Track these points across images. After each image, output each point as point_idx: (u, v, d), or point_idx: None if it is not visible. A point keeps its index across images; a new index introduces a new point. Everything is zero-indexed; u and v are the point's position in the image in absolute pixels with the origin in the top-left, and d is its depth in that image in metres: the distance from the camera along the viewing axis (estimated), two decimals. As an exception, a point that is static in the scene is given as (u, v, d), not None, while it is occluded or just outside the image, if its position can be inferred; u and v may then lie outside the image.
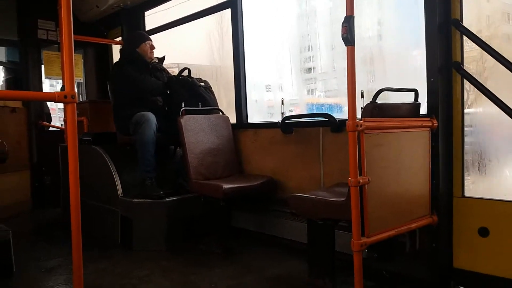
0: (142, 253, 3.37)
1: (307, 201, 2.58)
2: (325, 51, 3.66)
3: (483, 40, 2.42)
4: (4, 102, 4.70)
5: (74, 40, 1.72)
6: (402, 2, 3.27)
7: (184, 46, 5.16)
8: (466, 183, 2.50)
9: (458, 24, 2.50)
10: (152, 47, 4.05)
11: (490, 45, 2.37)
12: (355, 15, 2.07)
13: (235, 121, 3.99)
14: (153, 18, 5.23)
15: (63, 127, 4.84)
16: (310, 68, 3.79)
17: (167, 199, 3.51)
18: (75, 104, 1.72)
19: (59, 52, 5.23)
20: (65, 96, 1.68)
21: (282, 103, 3.60)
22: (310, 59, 3.77)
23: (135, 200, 3.52)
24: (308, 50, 3.73)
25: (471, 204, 2.44)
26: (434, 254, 2.51)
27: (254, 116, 4.01)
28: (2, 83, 5.88)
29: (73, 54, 1.71)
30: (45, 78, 5.56)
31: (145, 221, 3.49)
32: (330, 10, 3.62)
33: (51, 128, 5.52)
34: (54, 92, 1.70)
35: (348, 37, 2.05)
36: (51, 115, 5.70)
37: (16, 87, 5.45)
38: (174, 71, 4.40)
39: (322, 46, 3.65)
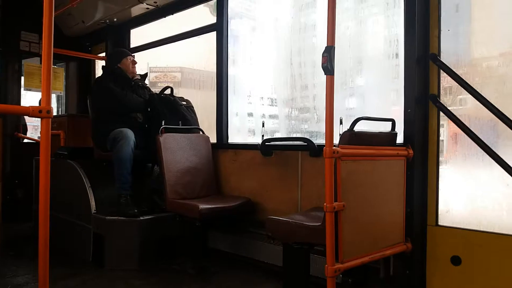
0: (114, 271, 3.29)
1: (284, 225, 2.58)
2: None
3: (459, 75, 2.50)
4: (-22, 113, 4.61)
5: (57, 53, 1.72)
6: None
7: (188, 50, 4.99)
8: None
9: (435, 58, 2.60)
10: (134, 62, 4.05)
11: (465, 80, 2.46)
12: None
13: (215, 141, 3.99)
14: (139, 34, 5.25)
15: (39, 139, 4.75)
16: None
17: (141, 218, 3.46)
18: (50, 119, 1.69)
19: (41, 64, 5.17)
20: (40, 111, 1.65)
21: (263, 126, 3.63)
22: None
23: (108, 217, 3.46)
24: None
25: (444, 233, 2.48)
26: (408, 281, 2.54)
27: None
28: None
29: (52, 68, 1.69)
30: (24, 90, 5.47)
31: (118, 239, 3.42)
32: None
33: (26, 140, 5.42)
34: (29, 107, 1.67)
35: (328, 66, 2.10)
36: (27, 126, 5.61)
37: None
38: (176, 76, 4.37)
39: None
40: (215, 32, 4.08)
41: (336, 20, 2.15)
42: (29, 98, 5.92)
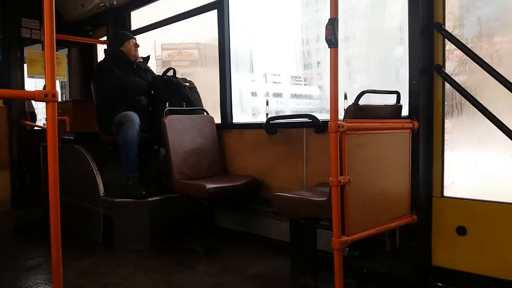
0: (124, 252, 3.34)
1: (290, 201, 2.60)
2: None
3: (464, 43, 2.47)
4: (-17, 101, 4.64)
5: (58, 39, 1.71)
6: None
7: (205, 25, 4.60)
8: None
9: (440, 27, 2.55)
10: (136, 45, 4.05)
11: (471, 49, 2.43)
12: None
13: (220, 122, 4.00)
14: (140, 16, 5.18)
15: (45, 126, 4.78)
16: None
17: (150, 199, 3.50)
18: (56, 103, 1.70)
19: (43, 50, 5.18)
20: (46, 95, 1.66)
21: (267, 104, 3.63)
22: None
23: (116, 199, 3.50)
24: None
25: (449, 204, 2.49)
26: (414, 252, 2.56)
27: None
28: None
29: (55, 53, 1.70)
30: (27, 77, 5.48)
31: (128, 221, 3.47)
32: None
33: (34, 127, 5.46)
34: (34, 91, 1.68)
35: (332, 39, 2.08)
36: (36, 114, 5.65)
37: (-2, 86, 5.40)
38: (193, 53, 4.28)
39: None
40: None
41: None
42: (29, 87, 5.91)
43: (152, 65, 4.53)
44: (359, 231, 2.27)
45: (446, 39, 2.56)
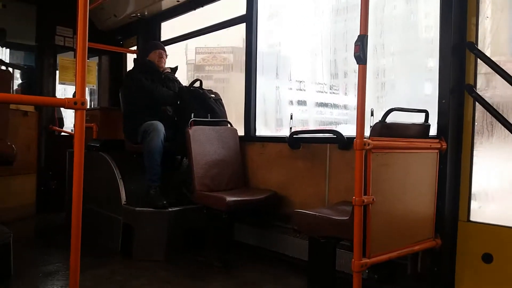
0: (141, 262, 3.33)
1: (310, 218, 2.55)
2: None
3: (498, 64, 2.39)
4: (16, 106, 4.75)
5: (90, 47, 1.73)
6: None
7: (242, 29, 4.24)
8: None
9: (472, 47, 2.49)
10: (161, 55, 4.08)
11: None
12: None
13: (243, 134, 3.99)
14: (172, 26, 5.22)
15: (73, 132, 4.86)
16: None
17: (170, 209, 3.49)
18: (85, 111, 1.72)
19: (75, 58, 5.30)
20: (75, 103, 1.68)
21: (291, 118, 3.59)
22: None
23: (138, 208, 3.50)
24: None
25: (476, 229, 2.39)
26: (436, 278, 2.46)
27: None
28: (17, 87, 5.97)
29: (87, 61, 1.72)
30: (58, 83, 5.61)
31: (147, 230, 3.46)
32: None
33: (61, 133, 5.56)
34: (64, 98, 1.71)
35: (361, 55, 2.06)
36: (63, 120, 5.76)
37: (30, 91, 5.53)
38: (227, 58, 4.25)
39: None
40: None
41: None
42: (59, 93, 6.04)
43: (182, 70, 4.49)
44: (380, 254, 2.20)
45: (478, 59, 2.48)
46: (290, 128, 3.55)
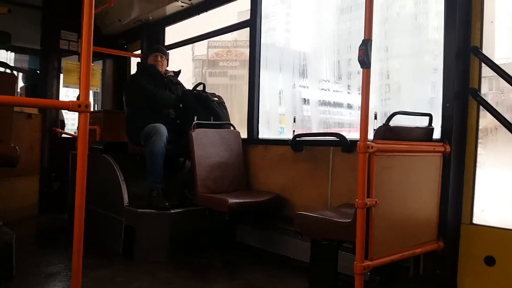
0: (143, 263, 3.33)
1: (312, 220, 2.55)
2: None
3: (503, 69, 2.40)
4: (20, 108, 4.76)
5: (94, 51, 1.75)
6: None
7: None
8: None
9: (477, 51, 2.50)
10: (157, 58, 4.09)
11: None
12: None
13: (246, 137, 4.00)
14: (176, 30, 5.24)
15: (76, 134, 4.88)
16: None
17: (172, 211, 3.49)
18: (88, 113, 1.73)
19: (79, 62, 5.34)
20: (79, 106, 1.70)
21: (294, 121, 3.60)
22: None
23: (140, 210, 3.51)
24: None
25: (478, 232, 2.39)
26: (438, 280, 2.46)
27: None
28: (20, 90, 5.99)
29: (91, 65, 1.73)
30: (62, 86, 5.64)
31: (149, 232, 3.47)
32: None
33: (64, 135, 5.58)
34: (68, 101, 1.71)
35: (365, 60, 2.08)
36: (65, 122, 5.79)
37: (34, 94, 5.56)
38: (244, 53, 4.19)
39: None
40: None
41: None
42: (62, 97, 6.06)
43: (188, 67, 4.46)
44: (382, 256, 2.20)
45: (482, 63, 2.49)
46: (293, 131, 3.56)
